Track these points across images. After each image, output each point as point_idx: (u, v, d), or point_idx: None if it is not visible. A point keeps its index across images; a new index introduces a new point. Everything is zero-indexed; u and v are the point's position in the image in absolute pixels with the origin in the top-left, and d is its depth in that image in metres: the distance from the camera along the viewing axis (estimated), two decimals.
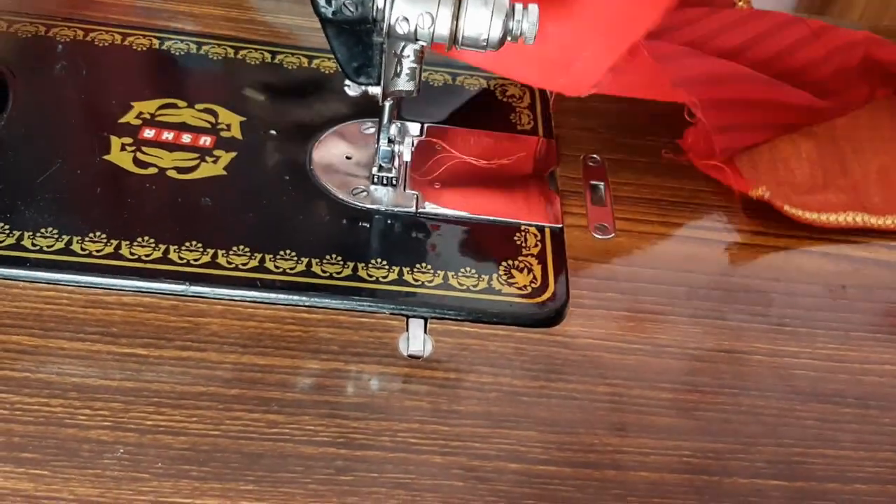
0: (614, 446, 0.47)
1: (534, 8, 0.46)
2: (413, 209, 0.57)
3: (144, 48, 0.65)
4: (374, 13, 0.46)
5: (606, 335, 0.52)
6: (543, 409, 0.48)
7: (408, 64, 0.50)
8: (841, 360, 0.53)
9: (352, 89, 0.54)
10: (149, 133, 0.59)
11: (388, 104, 0.54)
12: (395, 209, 0.57)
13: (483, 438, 0.47)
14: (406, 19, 0.45)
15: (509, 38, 0.47)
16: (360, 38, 0.48)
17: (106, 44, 0.65)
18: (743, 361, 0.52)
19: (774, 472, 0.47)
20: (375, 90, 0.52)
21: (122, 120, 0.59)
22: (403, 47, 0.50)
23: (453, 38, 0.46)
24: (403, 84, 0.52)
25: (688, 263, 0.57)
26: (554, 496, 0.45)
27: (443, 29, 0.46)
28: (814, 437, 0.49)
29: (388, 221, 0.57)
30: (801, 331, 0.54)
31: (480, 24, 0.46)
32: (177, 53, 0.65)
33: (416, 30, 0.46)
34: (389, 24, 0.46)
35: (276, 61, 0.66)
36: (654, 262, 0.57)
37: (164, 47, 0.65)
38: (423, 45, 0.49)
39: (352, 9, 0.46)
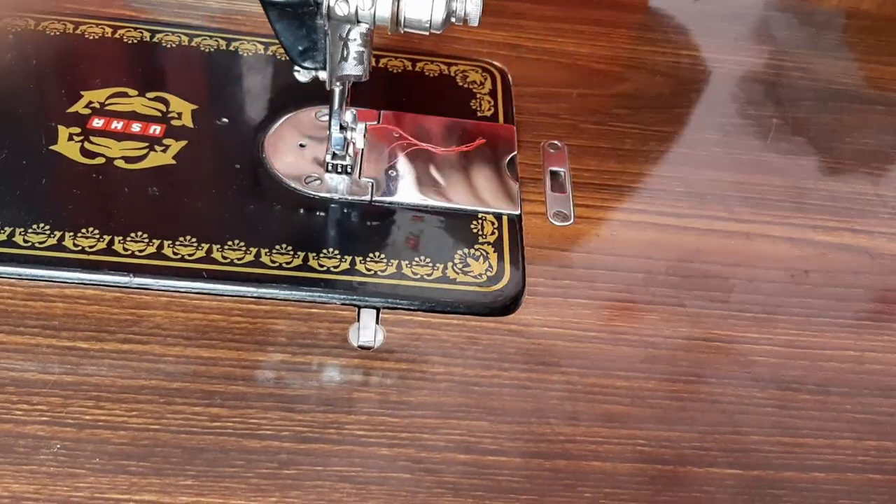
0: (566, 436, 0.46)
1: None
2: (367, 197, 0.56)
3: (97, 37, 0.64)
4: None
5: (562, 323, 0.51)
6: (495, 399, 0.47)
7: (355, 48, 0.49)
8: (801, 346, 0.52)
9: (302, 75, 0.53)
10: (98, 122, 0.57)
11: (337, 89, 0.52)
12: (349, 197, 0.56)
13: (432, 429, 0.46)
14: (346, 1, 0.44)
15: (453, 20, 0.45)
16: (303, 22, 0.47)
17: (58, 33, 0.64)
18: (701, 348, 0.51)
19: (730, 460, 0.46)
20: (323, 75, 0.51)
21: (71, 109, 0.58)
22: (349, 30, 0.48)
23: (395, 20, 0.45)
24: (351, 68, 0.50)
25: (647, 250, 0.56)
26: (503, 487, 0.44)
27: (384, 10, 0.45)
28: (772, 425, 0.48)
29: (342, 210, 0.55)
30: (762, 317, 0.53)
31: (422, 4, 0.44)
32: (130, 41, 0.64)
33: (356, 11, 0.45)
34: (329, 6, 0.44)
35: (231, 48, 0.64)
36: (612, 248, 0.56)
37: (117, 35, 0.64)
38: (368, 28, 0.48)
39: None
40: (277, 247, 0.52)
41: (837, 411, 0.49)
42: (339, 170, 0.56)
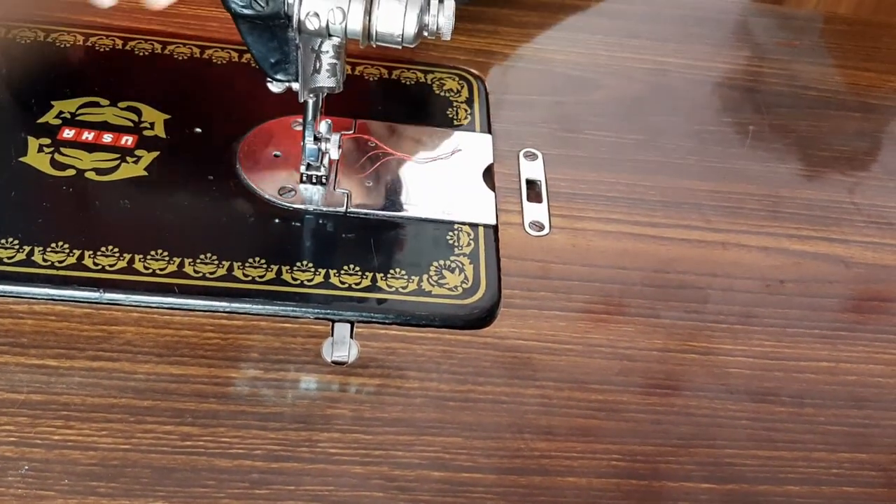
0: (541, 451, 0.46)
1: (450, 2, 0.45)
2: (343, 209, 0.55)
3: (68, 45, 0.63)
4: (286, 8, 0.45)
5: (537, 336, 0.51)
6: (469, 414, 0.47)
7: (327, 59, 0.49)
8: (776, 357, 0.52)
9: (275, 86, 0.52)
10: (68, 133, 0.57)
11: (311, 101, 0.52)
12: (324, 209, 0.55)
13: (406, 446, 0.45)
14: (316, 14, 0.44)
15: (425, 34, 0.45)
16: (275, 34, 0.47)
17: (28, 41, 0.63)
18: (676, 360, 0.51)
19: (705, 474, 0.46)
20: (296, 86, 0.51)
21: (41, 120, 0.57)
22: (321, 43, 0.48)
23: (367, 34, 0.44)
24: (324, 80, 0.50)
25: (623, 260, 0.56)
26: None
27: (355, 24, 0.44)
28: (746, 438, 0.48)
29: (317, 222, 0.55)
30: (737, 327, 0.53)
31: (394, 18, 0.44)
32: (102, 49, 0.63)
33: (327, 25, 0.44)
34: (300, 20, 0.44)
35: (204, 56, 0.64)
36: (588, 259, 0.55)
37: (88, 43, 0.63)
38: (340, 41, 0.47)
39: (262, 4, 0.44)
40: (251, 260, 0.51)
41: (812, 423, 0.49)
42: (314, 181, 0.56)
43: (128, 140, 0.57)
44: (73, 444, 0.43)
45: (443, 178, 0.59)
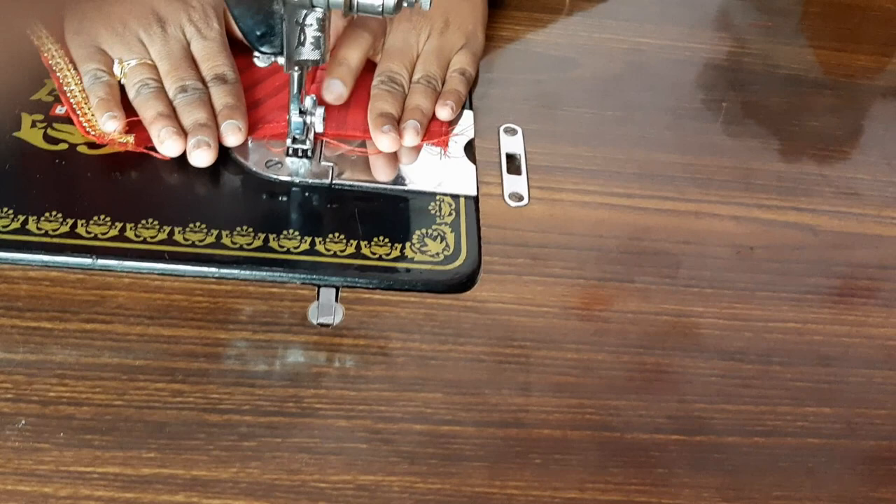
0: (518, 406, 0.48)
1: None
2: (328, 180, 0.57)
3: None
4: None
5: (516, 299, 0.53)
6: (450, 372, 0.49)
7: (311, 32, 0.51)
8: (746, 318, 0.54)
9: (261, 60, 0.54)
10: (60, 109, 0.58)
11: (296, 74, 0.54)
12: (310, 181, 0.57)
13: (389, 402, 0.47)
14: None
15: (405, 4, 0.47)
16: (261, 7, 0.48)
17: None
18: (650, 322, 0.53)
19: (675, 427, 0.48)
20: (282, 60, 0.52)
21: (34, 97, 0.59)
22: (305, 15, 0.50)
23: (349, 4, 0.46)
24: (308, 53, 0.52)
25: (599, 229, 0.58)
26: (456, 455, 0.45)
27: None
28: (716, 393, 0.50)
29: (303, 193, 0.57)
30: (708, 291, 0.55)
31: None
32: None
33: None
34: None
35: None
36: (566, 228, 0.57)
37: None
38: (324, 13, 0.49)
39: None
40: (238, 228, 0.53)
41: (779, 380, 0.51)
42: (300, 154, 0.58)
43: None
44: (67, 401, 0.45)
45: (425, 152, 0.61)
